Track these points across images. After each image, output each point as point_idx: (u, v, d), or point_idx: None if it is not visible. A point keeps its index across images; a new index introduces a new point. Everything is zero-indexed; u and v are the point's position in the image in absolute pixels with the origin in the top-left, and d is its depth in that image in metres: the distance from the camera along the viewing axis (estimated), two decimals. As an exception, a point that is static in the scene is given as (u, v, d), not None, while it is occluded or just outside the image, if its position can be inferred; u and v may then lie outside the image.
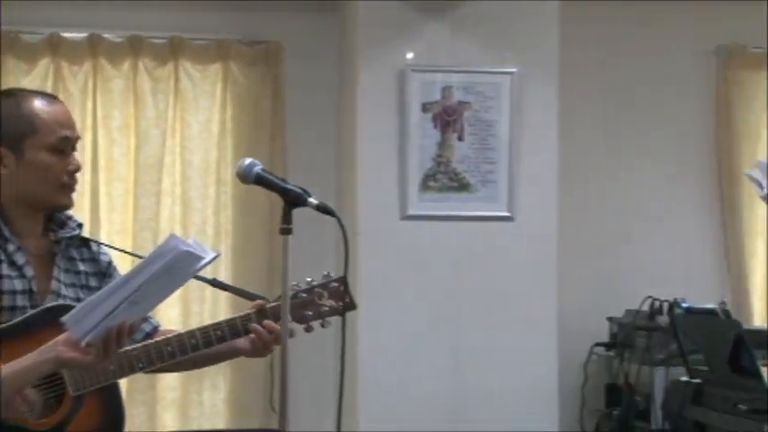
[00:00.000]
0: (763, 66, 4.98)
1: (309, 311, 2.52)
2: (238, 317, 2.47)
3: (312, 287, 2.55)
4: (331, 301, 2.56)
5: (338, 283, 2.58)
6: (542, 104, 4.50)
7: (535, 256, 4.50)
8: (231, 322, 2.45)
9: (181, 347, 2.38)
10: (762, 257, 4.96)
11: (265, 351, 2.51)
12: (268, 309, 2.50)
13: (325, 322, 2.57)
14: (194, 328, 2.42)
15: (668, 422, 3.83)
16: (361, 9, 4.49)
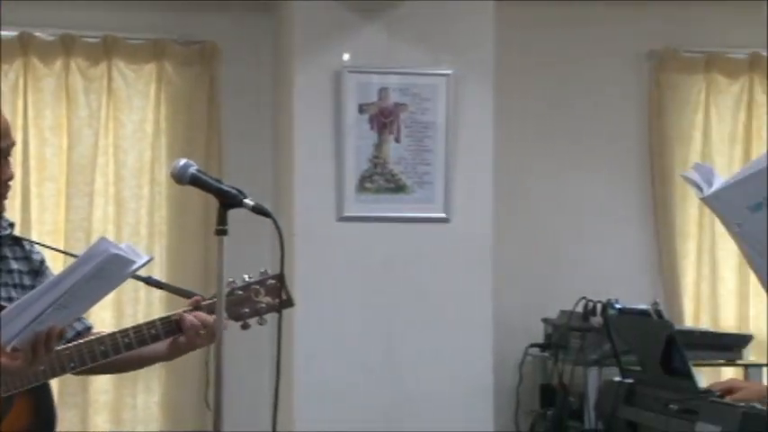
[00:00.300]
0: (696, 69, 5.05)
1: (246, 308, 2.52)
2: (172, 314, 2.45)
3: (249, 284, 2.55)
4: (268, 298, 2.56)
5: (275, 280, 2.59)
6: (478, 106, 4.53)
7: (471, 257, 4.52)
8: (165, 320, 2.44)
9: (114, 346, 2.36)
10: (693, 259, 5.03)
11: (199, 341, 2.48)
12: (203, 305, 2.49)
13: (261, 319, 2.57)
14: (128, 327, 2.41)
15: (601, 422, 3.86)
16: (297, 10, 4.48)
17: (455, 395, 4.47)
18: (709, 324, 4.97)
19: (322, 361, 4.43)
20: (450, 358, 4.48)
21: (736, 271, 5.01)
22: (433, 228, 4.51)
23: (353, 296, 4.46)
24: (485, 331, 4.51)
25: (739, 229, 1.50)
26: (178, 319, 2.45)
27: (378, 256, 4.48)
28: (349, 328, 4.45)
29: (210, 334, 2.47)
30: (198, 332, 2.46)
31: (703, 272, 5.03)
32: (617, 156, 5.08)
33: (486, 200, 4.55)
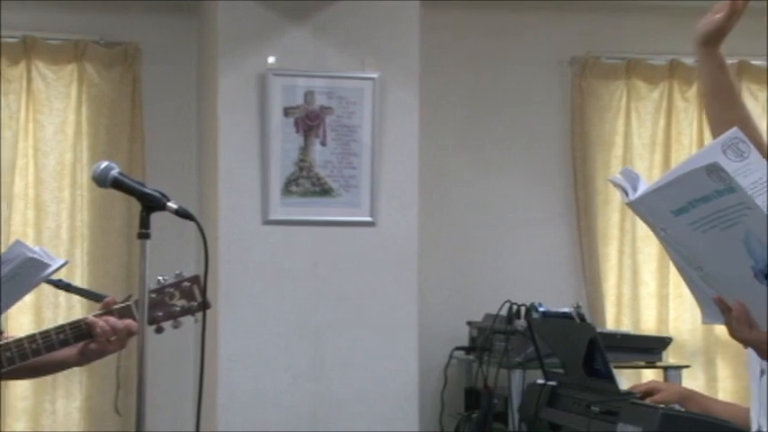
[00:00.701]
0: (617, 76, 5.12)
1: (160, 312, 2.48)
2: (82, 319, 2.42)
3: (163, 287, 2.51)
4: (183, 300, 2.53)
5: (191, 283, 2.56)
6: (404, 110, 4.54)
7: (396, 261, 4.53)
8: (74, 325, 2.40)
9: (21, 353, 2.32)
10: (614, 262, 5.09)
11: (110, 347, 2.45)
12: (115, 309, 2.46)
13: (177, 323, 2.53)
14: (35, 332, 2.36)
15: (525, 424, 3.90)
16: (221, 11, 4.45)
17: (380, 398, 4.48)
18: (630, 327, 5.03)
19: (247, 364, 4.41)
20: (376, 361, 4.49)
21: (657, 274, 5.08)
22: (358, 231, 4.52)
23: (279, 300, 4.44)
24: (410, 334, 4.53)
25: (664, 234, 1.53)
26: (88, 324, 2.41)
27: (303, 259, 4.47)
28: (274, 332, 4.43)
29: (122, 339, 2.43)
30: (108, 338, 2.42)
31: (624, 275, 5.09)
32: (540, 160, 5.13)
33: (412, 204, 4.56)
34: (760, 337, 1.51)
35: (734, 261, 1.46)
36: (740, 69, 5.12)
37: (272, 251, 4.46)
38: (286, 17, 4.46)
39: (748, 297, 1.48)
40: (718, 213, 1.43)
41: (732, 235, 1.44)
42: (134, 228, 2.50)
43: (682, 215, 1.46)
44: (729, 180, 1.39)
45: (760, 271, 1.45)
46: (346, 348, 4.47)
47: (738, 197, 1.40)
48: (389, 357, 4.50)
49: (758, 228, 1.41)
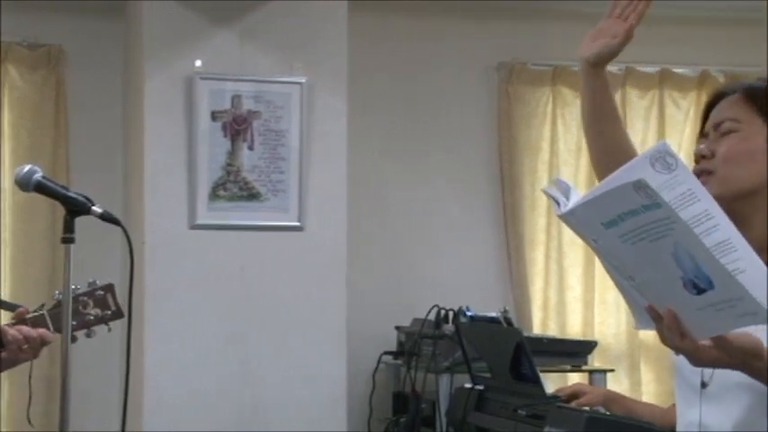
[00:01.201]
0: (543, 82, 5.18)
1: (73, 321, 2.45)
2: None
3: (77, 296, 2.50)
4: (96, 309, 2.53)
5: (104, 291, 2.56)
6: (332, 115, 4.54)
7: (324, 265, 4.53)
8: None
9: None
10: (541, 267, 5.14)
11: (22, 356, 2.43)
12: (28, 319, 2.43)
13: (90, 332, 2.53)
14: None
15: (452, 428, 3.91)
16: (147, 14, 4.42)
17: (308, 402, 4.47)
18: (556, 331, 5.09)
19: (173, 369, 4.38)
20: (304, 365, 4.48)
21: (582, 279, 5.14)
22: (286, 236, 4.51)
23: (206, 304, 4.42)
24: (338, 339, 4.53)
25: (596, 245, 1.54)
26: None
27: (231, 264, 4.45)
28: (201, 336, 4.41)
29: (34, 348, 2.41)
30: (20, 347, 2.40)
31: (551, 280, 5.15)
32: (468, 165, 5.17)
33: (340, 208, 4.57)
34: (691, 346, 1.52)
35: (664, 272, 1.48)
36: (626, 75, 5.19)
37: (199, 256, 4.43)
38: (213, 20, 4.44)
39: (679, 306, 1.50)
40: (647, 226, 1.44)
41: (661, 247, 1.45)
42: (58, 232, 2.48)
43: (612, 228, 1.47)
44: (655, 196, 1.40)
45: (689, 281, 1.47)
46: (274, 353, 4.46)
47: (664, 212, 1.42)
48: (317, 362, 4.50)
49: (685, 240, 1.43)
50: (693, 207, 1.43)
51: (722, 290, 1.45)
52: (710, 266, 1.44)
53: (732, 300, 1.45)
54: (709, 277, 1.45)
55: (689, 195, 1.43)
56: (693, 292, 1.47)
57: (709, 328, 1.50)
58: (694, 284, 1.46)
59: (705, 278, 1.45)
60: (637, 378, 5.14)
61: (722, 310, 1.47)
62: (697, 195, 1.44)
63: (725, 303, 1.46)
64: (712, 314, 1.48)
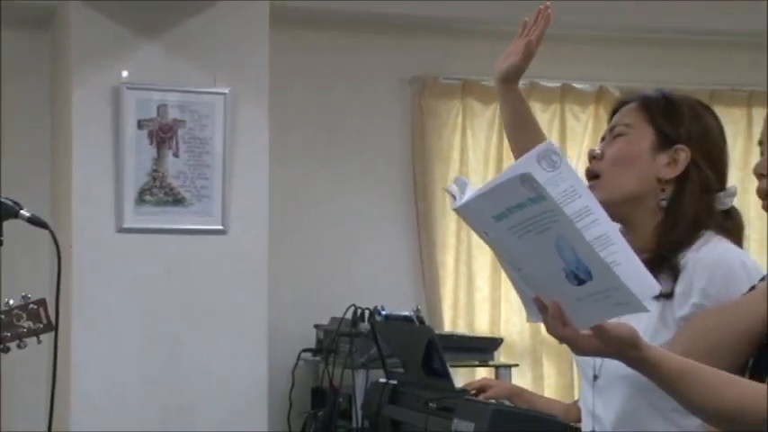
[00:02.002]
0: (453, 95, 5.20)
1: (7, 333, 2.48)
2: None
3: (11, 309, 2.52)
4: (29, 322, 2.55)
5: (37, 305, 2.57)
6: (254, 125, 4.52)
7: (247, 267, 4.50)
8: None
9: None
10: (451, 269, 5.16)
11: None
12: None
13: (22, 343, 2.55)
14: None
15: (367, 421, 3.91)
16: (74, 26, 4.34)
17: (231, 399, 4.43)
18: (465, 328, 5.11)
19: (99, 370, 4.31)
20: (227, 363, 4.44)
21: (490, 280, 5.18)
22: (210, 239, 4.47)
23: (132, 305, 4.36)
24: (259, 337, 4.50)
25: (487, 237, 1.55)
26: None
27: (157, 266, 4.39)
28: (127, 337, 4.35)
29: None
30: None
31: (460, 281, 5.17)
32: (384, 174, 5.17)
33: (262, 213, 4.54)
34: (572, 334, 1.53)
35: (548, 263, 1.49)
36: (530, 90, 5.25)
37: (125, 258, 4.37)
38: (139, 33, 4.38)
39: (562, 297, 1.51)
40: (533, 219, 1.46)
41: (545, 239, 1.47)
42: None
43: (502, 220, 1.48)
44: (540, 189, 1.42)
45: (570, 272, 1.48)
46: (198, 352, 4.42)
47: (548, 205, 1.43)
48: (240, 359, 4.46)
49: (567, 233, 1.45)
50: (575, 203, 1.44)
51: (600, 280, 1.47)
52: (590, 258, 1.45)
53: (609, 290, 1.47)
54: (588, 268, 1.46)
55: (571, 192, 1.45)
56: (574, 283, 1.49)
57: (588, 318, 1.52)
58: (575, 276, 1.48)
59: (585, 269, 1.47)
60: (539, 372, 5.19)
61: (599, 300, 1.49)
62: (578, 192, 1.45)
63: (602, 294, 1.48)
64: (591, 304, 1.50)
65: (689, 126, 2.06)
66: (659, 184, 2.03)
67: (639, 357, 1.54)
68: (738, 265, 1.96)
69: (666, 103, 2.09)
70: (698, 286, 1.94)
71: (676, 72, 5.19)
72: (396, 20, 5.04)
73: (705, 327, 1.82)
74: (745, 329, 1.75)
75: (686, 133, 2.05)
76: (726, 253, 1.98)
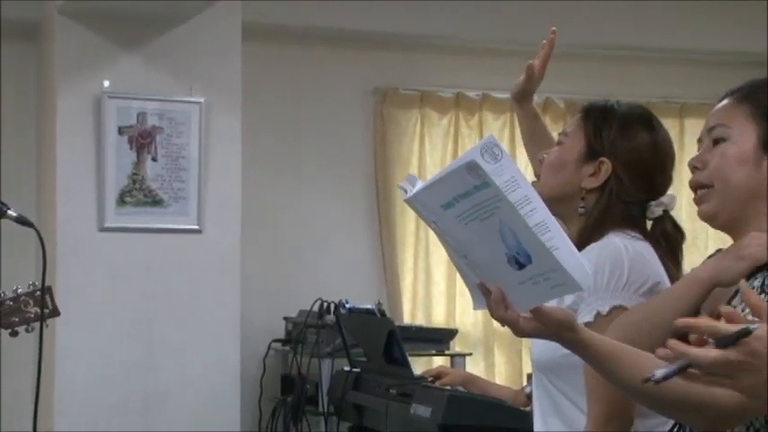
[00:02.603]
0: (412, 105, 5.21)
1: (16, 318, 2.50)
2: None
3: (19, 296, 2.53)
4: (35, 308, 2.56)
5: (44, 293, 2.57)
6: (227, 131, 4.50)
7: (221, 264, 4.48)
8: None
9: None
10: (410, 265, 5.16)
11: None
12: None
13: (29, 327, 2.56)
14: None
15: (333, 406, 3.91)
16: (59, 37, 4.31)
17: (206, 386, 4.41)
18: (423, 320, 5.12)
19: (83, 360, 4.27)
20: (202, 353, 4.42)
21: (446, 276, 5.18)
22: (187, 238, 4.44)
23: (114, 300, 4.32)
24: (232, 329, 4.48)
25: (435, 226, 1.53)
26: None
27: (137, 263, 4.36)
28: (109, 330, 4.31)
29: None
30: None
31: (419, 276, 5.18)
32: (348, 178, 5.17)
33: (235, 214, 4.52)
34: (513, 317, 1.52)
35: (491, 249, 1.48)
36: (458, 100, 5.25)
37: (107, 256, 4.33)
38: (119, 45, 4.35)
39: (504, 281, 1.50)
40: (477, 206, 1.45)
41: (489, 225, 1.45)
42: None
43: (449, 209, 1.47)
44: (485, 176, 1.41)
45: (512, 257, 1.47)
46: (175, 343, 4.39)
47: (492, 191, 1.42)
48: (214, 349, 4.44)
49: (509, 218, 1.44)
50: (516, 192, 1.43)
51: (539, 263, 1.46)
52: (530, 242, 1.44)
53: (547, 272, 1.46)
54: (528, 252, 1.45)
55: (512, 182, 1.43)
56: (516, 267, 1.47)
57: (528, 301, 1.51)
58: (516, 260, 1.47)
59: (525, 254, 1.46)
60: (491, 361, 5.21)
61: (539, 282, 1.48)
62: (519, 183, 1.44)
63: (541, 276, 1.47)
64: (531, 287, 1.48)
65: (614, 140, 2.03)
66: (581, 191, 2.03)
67: (575, 339, 1.53)
68: (620, 257, 1.92)
69: (601, 113, 2.09)
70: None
71: (615, 85, 5.22)
72: (359, 35, 5.04)
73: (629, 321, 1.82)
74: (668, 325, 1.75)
75: (610, 146, 2.02)
76: (613, 247, 1.94)
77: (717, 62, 5.36)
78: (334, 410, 3.89)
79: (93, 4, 4.13)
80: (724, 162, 1.68)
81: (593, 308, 1.90)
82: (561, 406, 2.01)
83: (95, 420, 4.23)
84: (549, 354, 1.94)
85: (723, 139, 1.70)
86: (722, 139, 1.70)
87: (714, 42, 5.33)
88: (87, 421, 4.22)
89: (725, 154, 1.69)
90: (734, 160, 1.69)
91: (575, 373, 1.93)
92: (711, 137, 1.72)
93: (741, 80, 1.76)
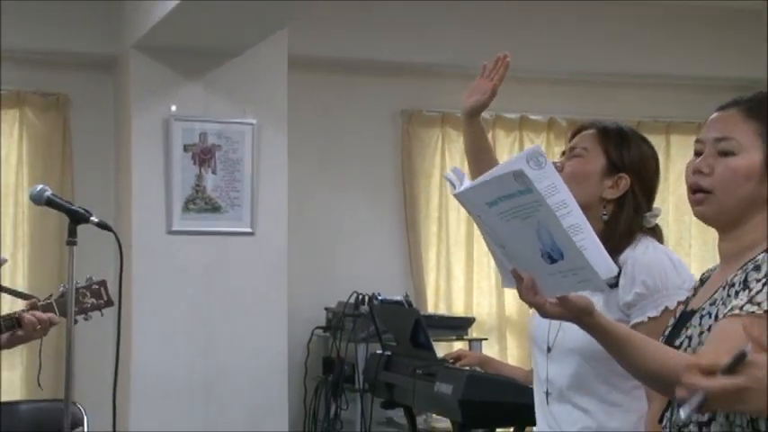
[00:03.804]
0: (434, 125, 5.20)
1: (75, 307, 2.47)
2: (13, 313, 2.42)
3: (77, 288, 2.52)
4: (92, 299, 2.56)
5: (99, 285, 2.60)
6: (276, 148, 4.51)
7: (270, 262, 4.49)
8: (6, 317, 2.40)
9: None
10: (434, 263, 5.14)
11: (35, 335, 2.46)
12: (40, 305, 2.45)
13: (87, 316, 2.55)
14: None
15: (367, 384, 3.91)
16: (133, 69, 4.35)
17: (259, 368, 4.42)
18: (444, 310, 5.10)
19: (155, 346, 4.30)
20: (255, 340, 4.43)
21: (464, 272, 5.17)
22: (241, 240, 4.46)
23: (180, 294, 4.35)
24: (281, 318, 4.49)
25: (479, 219, 1.53)
26: (18, 317, 2.40)
27: (199, 261, 4.39)
28: (176, 320, 4.34)
29: (45, 329, 2.47)
30: (35, 327, 2.42)
31: (441, 272, 5.16)
32: (379, 187, 5.17)
33: (283, 218, 4.53)
34: (541, 301, 1.52)
35: (528, 243, 1.47)
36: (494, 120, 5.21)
37: (174, 255, 4.36)
38: (184, 75, 4.38)
39: (536, 271, 1.50)
40: (519, 207, 1.44)
41: (528, 224, 1.45)
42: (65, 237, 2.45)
43: (493, 207, 1.46)
44: (529, 183, 1.41)
45: (546, 253, 1.47)
46: (231, 331, 4.41)
47: (534, 197, 1.42)
48: (265, 336, 4.45)
49: (546, 219, 1.43)
50: (555, 197, 1.43)
51: (570, 261, 1.45)
52: (563, 242, 1.44)
53: (576, 269, 1.46)
54: (561, 250, 1.45)
55: (552, 188, 1.43)
56: (548, 261, 1.47)
57: (555, 290, 1.50)
58: (549, 255, 1.47)
59: (558, 251, 1.45)
60: (504, 345, 5.18)
61: (567, 276, 1.48)
62: (558, 188, 1.44)
63: (570, 271, 1.47)
64: (560, 279, 1.48)
65: (632, 157, 2.06)
66: (602, 201, 2.04)
67: (593, 323, 1.52)
68: (668, 261, 1.98)
69: (618, 135, 2.09)
70: (639, 279, 1.95)
71: (609, 106, 5.21)
72: (389, 65, 5.04)
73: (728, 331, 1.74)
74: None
75: (629, 163, 2.05)
76: (657, 252, 1.99)
77: (699, 86, 5.32)
78: (369, 388, 3.89)
79: (162, 40, 4.16)
80: (731, 176, 1.58)
81: (659, 303, 1.92)
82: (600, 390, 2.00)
83: (166, 399, 4.25)
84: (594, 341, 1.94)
85: (732, 153, 1.59)
86: (731, 153, 1.60)
87: (695, 68, 5.31)
88: (158, 399, 4.24)
89: (732, 168, 1.58)
90: (741, 176, 1.59)
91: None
92: (718, 147, 1.61)
93: (718, 102, 1.69)
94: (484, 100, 2.35)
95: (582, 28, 5.12)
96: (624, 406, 1.97)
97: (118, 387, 2.46)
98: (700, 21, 5.24)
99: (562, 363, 2.06)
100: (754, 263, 1.56)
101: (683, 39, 5.24)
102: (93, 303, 2.55)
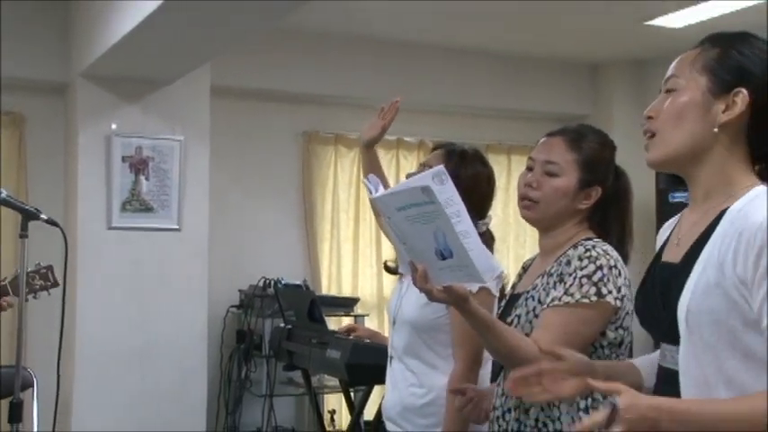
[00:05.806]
0: (328, 143, 5.21)
1: (26, 288, 2.43)
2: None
3: (28, 272, 2.47)
4: (41, 281, 2.51)
5: (46, 269, 2.54)
6: (199, 160, 4.44)
7: (195, 253, 4.41)
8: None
9: None
10: (327, 253, 5.14)
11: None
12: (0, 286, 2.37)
13: (36, 295, 2.50)
14: None
15: (272, 351, 3.90)
16: (80, 93, 4.19)
17: (184, 337, 4.34)
18: (335, 291, 5.13)
19: (96, 321, 4.16)
20: (181, 316, 4.35)
21: (351, 261, 5.20)
22: (170, 235, 4.36)
23: (118, 279, 4.22)
24: (202, 298, 4.42)
25: (388, 221, 1.51)
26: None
27: (134, 252, 4.27)
28: (115, 301, 4.21)
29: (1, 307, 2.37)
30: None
31: (333, 261, 5.17)
32: (284, 192, 5.15)
33: (204, 217, 4.46)
34: (429, 287, 1.50)
35: (425, 243, 1.47)
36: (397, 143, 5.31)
37: (113, 248, 4.23)
38: (124, 98, 4.26)
39: (429, 264, 1.49)
40: (423, 214, 1.44)
41: (428, 227, 1.45)
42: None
43: (402, 211, 1.46)
44: (433, 196, 1.41)
45: (438, 251, 1.47)
46: (161, 309, 4.31)
47: (435, 207, 1.42)
48: (189, 313, 4.38)
49: (443, 226, 1.43)
50: (451, 208, 1.43)
51: (458, 259, 1.46)
52: (454, 244, 1.44)
53: (462, 266, 1.46)
54: (451, 250, 1.45)
55: (450, 201, 1.43)
56: (440, 258, 1.47)
57: (443, 280, 1.51)
58: (441, 253, 1.46)
59: (449, 250, 1.45)
60: (382, 320, 5.22)
61: (454, 271, 1.48)
62: (454, 201, 1.43)
63: (457, 267, 1.47)
64: (448, 272, 1.49)
65: (468, 174, 2.12)
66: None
67: (467, 308, 1.53)
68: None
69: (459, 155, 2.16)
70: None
71: (466, 131, 5.35)
72: (293, 95, 5.04)
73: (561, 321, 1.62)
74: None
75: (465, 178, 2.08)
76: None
77: (535, 118, 5.54)
78: (273, 354, 3.88)
79: (105, 69, 4.04)
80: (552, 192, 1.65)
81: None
82: (425, 354, 2.07)
83: (107, 363, 4.12)
84: (425, 317, 2.00)
85: (555, 175, 1.65)
86: (554, 174, 1.65)
87: (533, 104, 5.52)
88: (101, 366, 4.11)
89: (555, 186, 1.66)
90: (560, 193, 1.66)
91: (441, 332, 1.98)
92: (545, 168, 1.66)
93: (545, 130, 1.73)
94: (377, 135, 2.41)
95: (446, 71, 5.25)
96: (441, 368, 2.06)
97: (64, 356, 2.41)
98: (537, 68, 5.46)
99: (401, 332, 2.13)
100: (565, 257, 1.67)
101: (524, 81, 5.45)
102: (41, 284, 2.49)
